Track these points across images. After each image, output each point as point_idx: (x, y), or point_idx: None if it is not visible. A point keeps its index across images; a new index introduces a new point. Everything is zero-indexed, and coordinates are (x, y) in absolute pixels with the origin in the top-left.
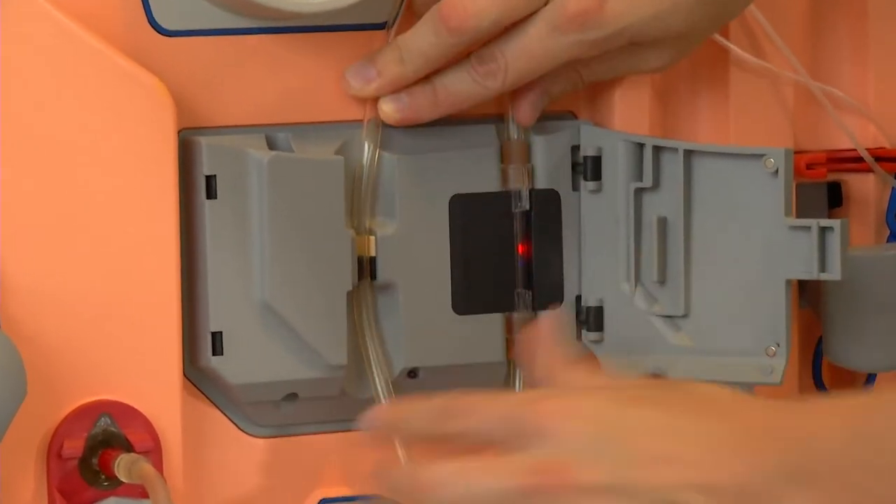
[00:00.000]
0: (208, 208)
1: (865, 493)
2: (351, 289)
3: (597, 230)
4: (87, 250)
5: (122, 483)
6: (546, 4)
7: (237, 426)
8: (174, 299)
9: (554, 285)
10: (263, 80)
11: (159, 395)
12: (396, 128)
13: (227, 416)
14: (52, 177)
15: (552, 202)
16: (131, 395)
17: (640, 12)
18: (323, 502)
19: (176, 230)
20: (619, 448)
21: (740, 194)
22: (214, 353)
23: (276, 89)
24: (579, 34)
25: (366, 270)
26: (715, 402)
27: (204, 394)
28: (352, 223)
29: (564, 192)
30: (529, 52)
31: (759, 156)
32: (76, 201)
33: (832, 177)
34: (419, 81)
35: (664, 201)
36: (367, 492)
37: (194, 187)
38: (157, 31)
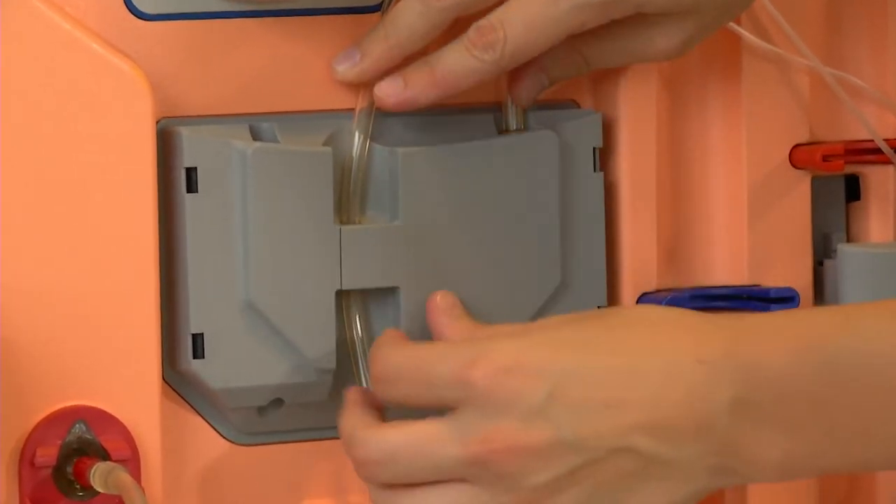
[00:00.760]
0: (189, 202)
1: (823, 428)
2: (340, 288)
3: None
4: (61, 247)
5: (98, 493)
6: None
7: (219, 433)
8: (153, 299)
9: None
10: (247, 66)
11: (137, 401)
12: (389, 118)
13: (208, 422)
14: (20, 171)
15: None
16: (107, 401)
17: None
18: None
19: (154, 226)
20: (563, 401)
21: None
22: (195, 356)
23: (261, 76)
24: None
25: None
26: (658, 330)
27: (184, 399)
28: (340, 218)
29: None
30: (529, 19)
31: None
32: (48, 196)
33: (850, 169)
34: (414, 60)
35: None
36: None
37: (174, 180)
38: (135, 14)
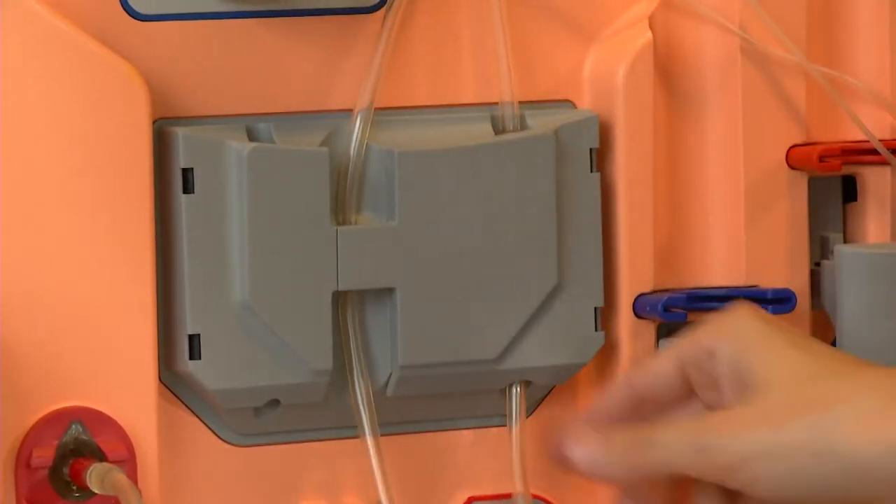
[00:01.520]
0: (185, 203)
1: None
2: (337, 288)
3: None
4: (57, 248)
5: (95, 494)
6: None
7: (215, 434)
8: (149, 299)
9: None
10: (244, 67)
11: (133, 401)
12: (385, 118)
13: (204, 423)
14: (16, 171)
15: None
16: (104, 401)
17: None
18: None
19: (151, 226)
20: None
21: None
22: (192, 357)
23: (258, 77)
24: None
25: None
26: None
27: (181, 400)
28: (337, 219)
29: None
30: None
31: None
32: (44, 197)
33: (847, 170)
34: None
35: None
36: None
37: (170, 181)
38: (131, 14)
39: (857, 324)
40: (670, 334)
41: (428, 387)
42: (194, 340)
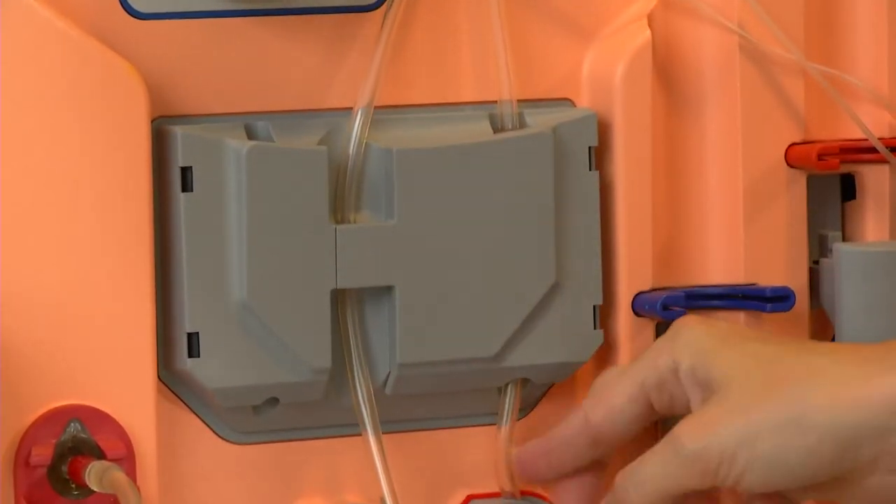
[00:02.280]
0: (184, 202)
1: None
2: (335, 287)
3: None
4: (55, 246)
5: (94, 492)
6: None
7: (214, 432)
8: (148, 298)
9: None
10: (243, 65)
11: (132, 400)
12: (384, 116)
13: (204, 421)
14: (15, 170)
15: None
16: (103, 400)
17: None
18: None
19: (149, 225)
20: None
21: None
22: (191, 356)
23: (256, 75)
24: None
25: None
26: None
27: (180, 398)
28: (336, 217)
29: None
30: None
31: None
32: (42, 196)
33: (846, 168)
34: None
35: None
36: None
37: (169, 179)
38: (130, 13)
39: (856, 322)
40: None
41: (426, 385)
42: (193, 339)
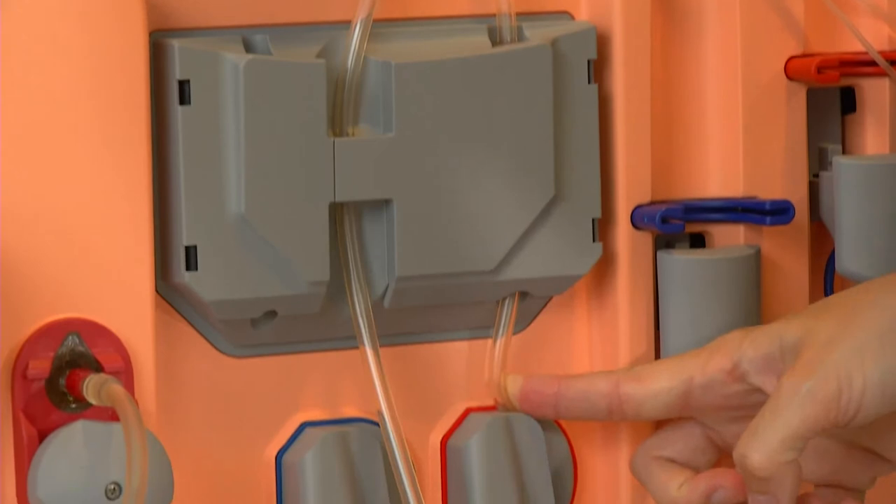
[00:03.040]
0: (181, 115)
1: None
2: (333, 200)
3: None
4: (54, 161)
5: (91, 405)
6: None
7: (212, 345)
8: (145, 211)
9: None
10: None
11: (130, 313)
12: (383, 30)
13: (201, 334)
14: (13, 87)
15: None
16: (100, 313)
17: None
18: (304, 426)
19: (147, 138)
20: None
21: None
22: (188, 269)
23: None
24: None
25: None
26: None
27: (177, 311)
28: (334, 130)
29: None
30: None
31: None
32: (41, 111)
33: (846, 81)
34: None
35: None
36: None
37: (166, 93)
38: None
39: (856, 234)
40: (668, 245)
41: (425, 298)
42: (191, 252)
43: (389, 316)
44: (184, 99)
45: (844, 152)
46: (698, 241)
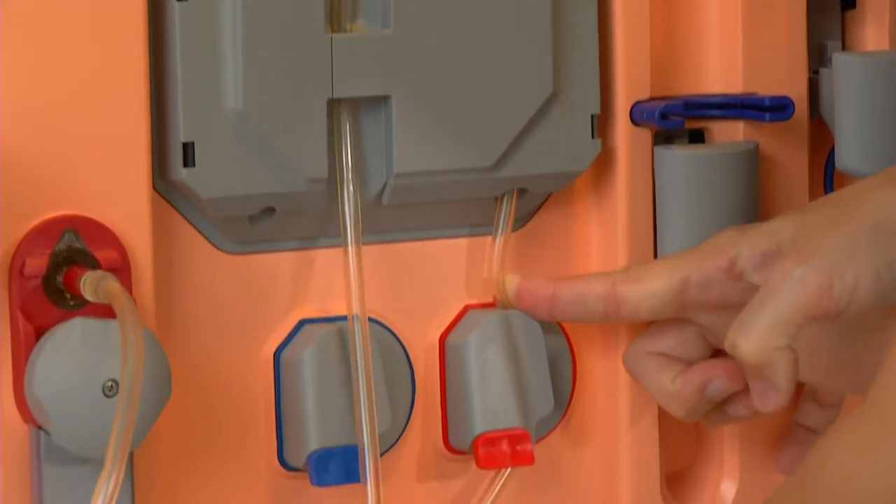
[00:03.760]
0: (178, 10)
1: None
2: (332, 96)
3: None
4: (52, 57)
5: (89, 302)
6: None
7: (210, 242)
8: (142, 108)
9: None
10: None
11: (127, 210)
12: None
13: (199, 231)
14: None
15: None
16: (97, 210)
17: None
18: (302, 323)
19: (144, 34)
20: None
21: None
22: (186, 165)
23: None
24: None
25: None
26: None
27: (175, 208)
28: (332, 26)
29: None
30: None
31: None
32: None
33: None
34: None
35: None
36: None
37: None
38: None
39: (855, 131)
40: (667, 142)
41: (424, 194)
42: (188, 149)
43: (389, 212)
44: None
45: (844, 49)
46: (697, 138)
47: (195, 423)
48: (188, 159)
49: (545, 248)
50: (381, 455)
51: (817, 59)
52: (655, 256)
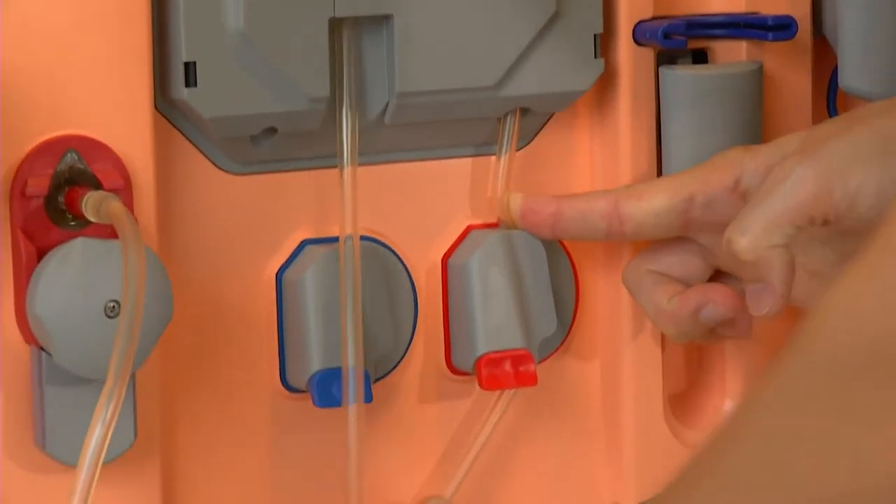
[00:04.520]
0: None
1: None
2: (333, 15)
3: None
4: None
5: (90, 223)
6: None
7: (212, 162)
8: (144, 27)
9: None
10: None
11: (129, 130)
12: None
13: (201, 151)
14: None
15: None
16: (99, 130)
17: None
18: (304, 244)
19: None
20: None
21: None
22: (187, 85)
23: None
24: None
25: None
26: None
27: (177, 128)
28: None
29: None
30: None
31: None
32: None
33: None
34: None
35: None
36: None
37: None
38: None
39: (859, 50)
40: (670, 62)
41: (426, 114)
42: (190, 68)
43: (391, 132)
44: None
45: None
46: (700, 58)
47: (197, 344)
48: (190, 79)
49: (548, 169)
50: (383, 377)
51: None
52: (658, 176)
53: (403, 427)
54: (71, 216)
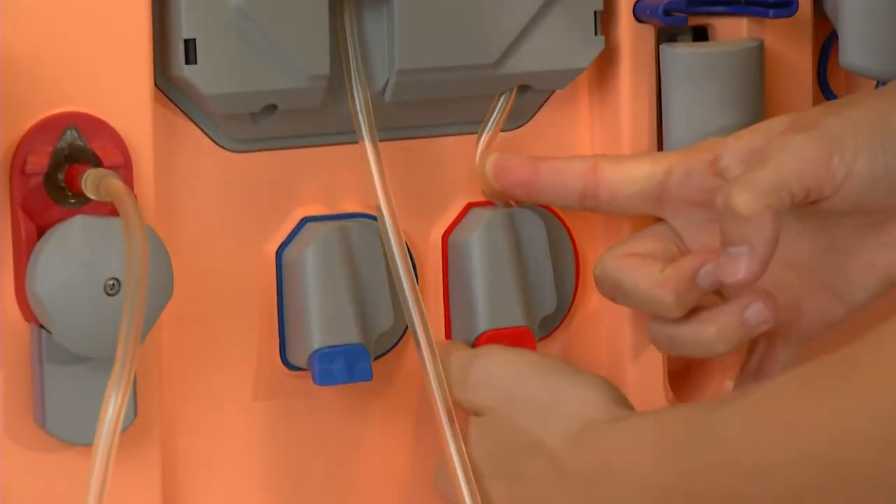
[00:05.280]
0: None
1: None
2: None
3: None
4: None
5: (90, 200)
6: None
7: (212, 140)
8: (143, 3)
9: None
10: None
11: (129, 107)
12: None
13: (201, 129)
14: None
15: None
16: (99, 107)
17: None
18: (304, 221)
19: None
20: None
21: None
22: (188, 62)
23: None
24: None
25: None
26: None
27: (177, 105)
28: None
29: None
30: None
31: None
32: None
33: None
34: None
35: None
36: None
37: None
38: None
39: (859, 26)
40: (671, 39)
41: (426, 91)
42: (190, 45)
43: (391, 110)
44: None
45: None
46: (701, 35)
47: (197, 322)
48: (190, 56)
49: (547, 146)
50: (383, 354)
51: None
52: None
53: (404, 404)
54: (71, 194)
